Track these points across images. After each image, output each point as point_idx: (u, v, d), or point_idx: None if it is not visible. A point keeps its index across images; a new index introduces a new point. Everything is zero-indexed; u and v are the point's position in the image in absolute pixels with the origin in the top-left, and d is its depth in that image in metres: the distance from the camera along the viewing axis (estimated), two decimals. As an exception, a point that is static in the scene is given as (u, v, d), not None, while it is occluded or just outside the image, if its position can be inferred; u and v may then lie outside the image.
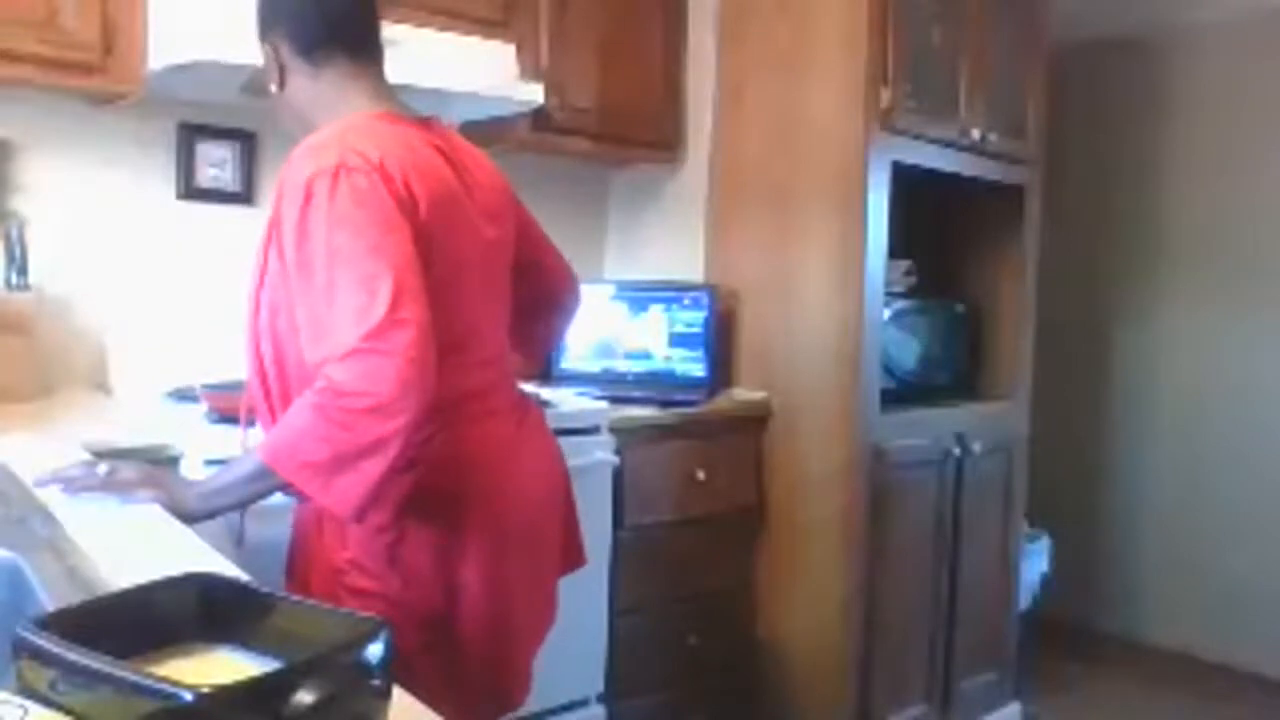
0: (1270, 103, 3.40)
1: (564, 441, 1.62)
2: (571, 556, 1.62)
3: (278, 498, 1.29)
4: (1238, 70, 3.47)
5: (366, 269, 1.18)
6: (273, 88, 1.43)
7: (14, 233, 2.02)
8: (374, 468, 1.16)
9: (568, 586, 1.60)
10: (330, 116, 1.36)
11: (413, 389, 1.15)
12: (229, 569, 1.00)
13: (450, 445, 1.33)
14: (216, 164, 2.33)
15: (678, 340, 2.63)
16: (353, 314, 1.16)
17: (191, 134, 2.29)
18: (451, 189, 1.35)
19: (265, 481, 1.23)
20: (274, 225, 1.29)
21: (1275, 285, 3.41)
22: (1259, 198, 3.43)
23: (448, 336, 1.27)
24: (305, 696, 0.60)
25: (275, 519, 1.44)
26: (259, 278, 1.33)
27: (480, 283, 1.41)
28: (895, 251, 2.56)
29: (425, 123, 1.41)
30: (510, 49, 2.34)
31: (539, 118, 2.47)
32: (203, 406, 1.86)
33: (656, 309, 2.65)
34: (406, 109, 1.42)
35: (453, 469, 1.33)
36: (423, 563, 1.32)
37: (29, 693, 0.63)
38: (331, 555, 1.34)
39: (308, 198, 1.22)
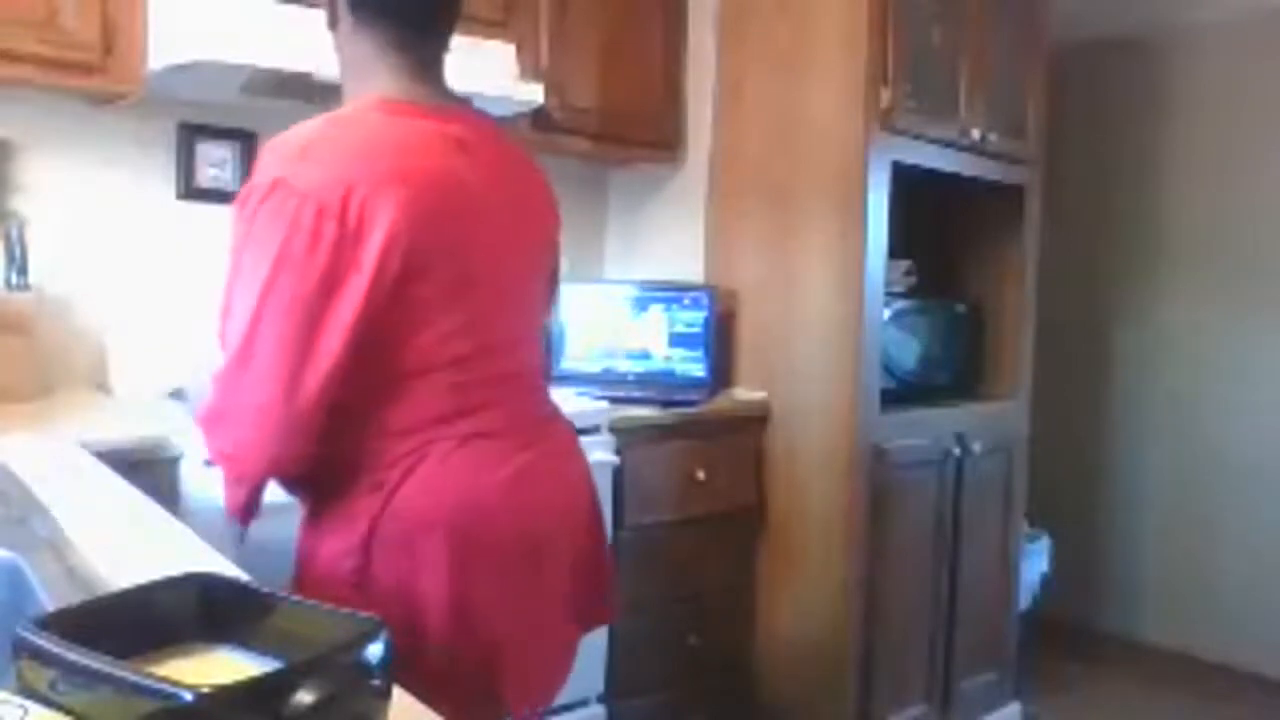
0: (1270, 103, 3.40)
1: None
2: (597, 610, 1.48)
3: (280, 497, 1.29)
4: (1238, 70, 3.47)
5: (250, 309, 1.15)
6: (326, 21, 1.35)
7: (14, 233, 2.02)
8: (232, 498, 1.23)
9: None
10: (351, 85, 1.32)
11: (256, 450, 1.16)
12: (229, 569, 0.99)
13: (429, 469, 1.22)
14: (216, 164, 2.33)
15: (678, 340, 2.63)
16: (228, 357, 1.16)
17: (191, 134, 2.29)
18: (459, 186, 1.24)
19: None
20: None
21: (1275, 285, 3.40)
22: (1259, 198, 3.43)
23: (445, 353, 1.22)
24: (305, 696, 0.60)
25: (276, 518, 1.44)
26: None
27: (497, 291, 1.29)
28: (895, 251, 2.55)
29: (447, 112, 1.29)
30: (510, 49, 2.34)
31: (539, 118, 2.47)
32: (203, 406, 1.86)
33: (656, 309, 2.65)
34: (444, 97, 1.32)
35: (429, 494, 1.22)
36: (388, 587, 1.21)
37: (29, 693, 0.63)
38: (309, 567, 1.28)
39: (242, 201, 1.21)
